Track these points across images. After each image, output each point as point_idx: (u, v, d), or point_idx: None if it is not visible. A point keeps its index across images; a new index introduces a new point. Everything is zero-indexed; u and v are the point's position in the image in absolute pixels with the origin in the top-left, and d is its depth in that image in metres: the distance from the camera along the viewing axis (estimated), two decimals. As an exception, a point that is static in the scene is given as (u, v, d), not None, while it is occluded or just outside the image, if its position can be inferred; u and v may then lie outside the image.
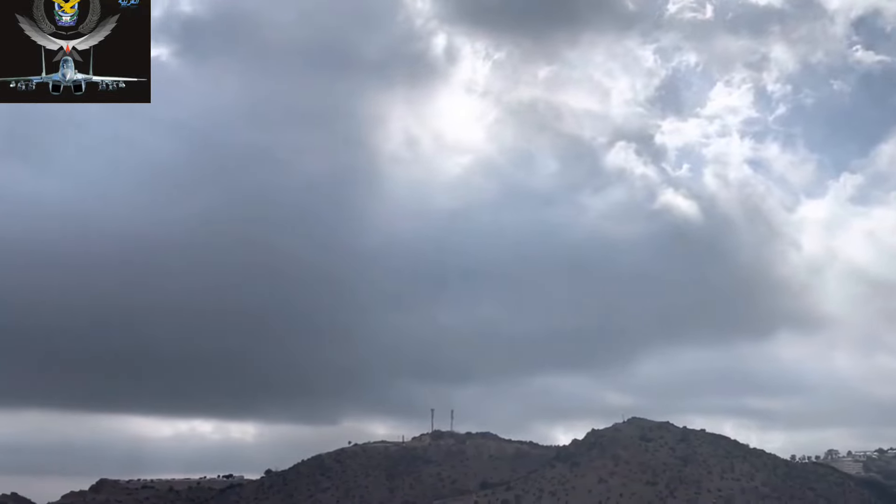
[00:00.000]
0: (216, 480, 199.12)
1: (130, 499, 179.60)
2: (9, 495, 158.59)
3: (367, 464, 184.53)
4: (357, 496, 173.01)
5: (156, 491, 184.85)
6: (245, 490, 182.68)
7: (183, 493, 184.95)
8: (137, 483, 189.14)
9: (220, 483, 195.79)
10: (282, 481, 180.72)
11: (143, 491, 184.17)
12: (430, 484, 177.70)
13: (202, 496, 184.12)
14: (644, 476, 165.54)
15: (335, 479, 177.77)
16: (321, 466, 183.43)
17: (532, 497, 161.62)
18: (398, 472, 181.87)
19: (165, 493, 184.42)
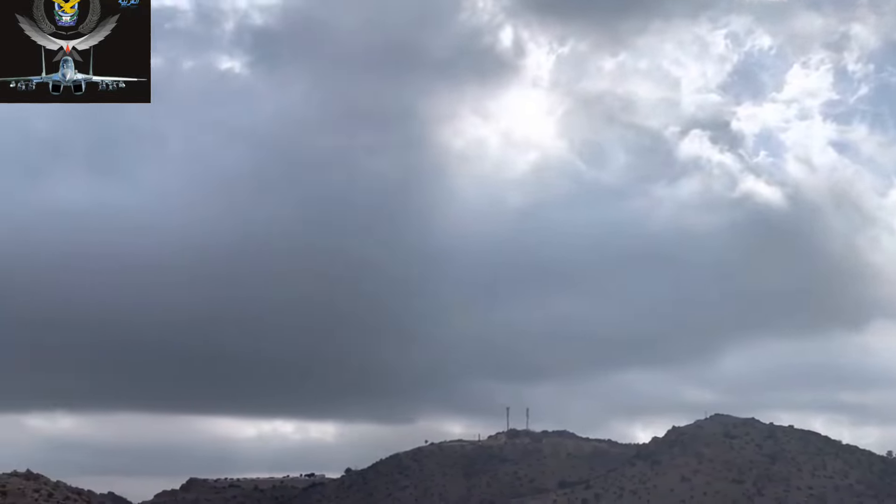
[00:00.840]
0: (299, 479, 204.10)
1: (218, 497, 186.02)
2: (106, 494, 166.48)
3: (443, 462, 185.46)
4: (435, 494, 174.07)
5: (242, 490, 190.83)
6: (326, 489, 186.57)
7: (268, 492, 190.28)
8: (225, 482, 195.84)
9: (302, 482, 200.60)
10: (361, 480, 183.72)
11: (230, 490, 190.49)
12: (507, 482, 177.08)
13: (286, 495, 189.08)
14: (729, 474, 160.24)
15: (413, 478, 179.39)
16: (399, 465, 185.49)
17: (612, 496, 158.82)
18: (475, 470, 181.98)
19: (251, 491, 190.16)
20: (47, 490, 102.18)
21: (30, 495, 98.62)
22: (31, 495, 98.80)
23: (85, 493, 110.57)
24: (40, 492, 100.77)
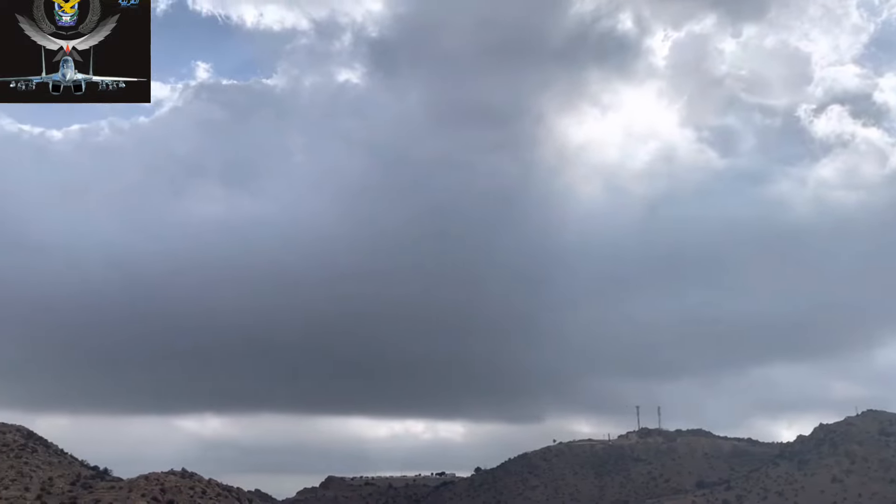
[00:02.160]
0: (430, 478, 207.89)
1: (355, 495, 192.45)
2: (253, 491, 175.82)
3: (573, 462, 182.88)
4: (566, 494, 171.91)
5: (377, 487, 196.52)
6: (457, 487, 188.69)
7: (401, 490, 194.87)
8: (360, 480, 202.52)
9: (433, 480, 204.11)
10: (491, 479, 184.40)
11: (365, 487, 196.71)
12: (641, 483, 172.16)
13: (418, 493, 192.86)
14: (887, 474, 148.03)
15: (543, 477, 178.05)
16: (528, 464, 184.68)
17: (756, 497, 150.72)
18: (606, 470, 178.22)
19: (385, 489, 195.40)
20: (201, 487, 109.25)
21: (186, 492, 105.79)
22: (186, 492, 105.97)
23: (234, 490, 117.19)
24: (195, 489, 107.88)
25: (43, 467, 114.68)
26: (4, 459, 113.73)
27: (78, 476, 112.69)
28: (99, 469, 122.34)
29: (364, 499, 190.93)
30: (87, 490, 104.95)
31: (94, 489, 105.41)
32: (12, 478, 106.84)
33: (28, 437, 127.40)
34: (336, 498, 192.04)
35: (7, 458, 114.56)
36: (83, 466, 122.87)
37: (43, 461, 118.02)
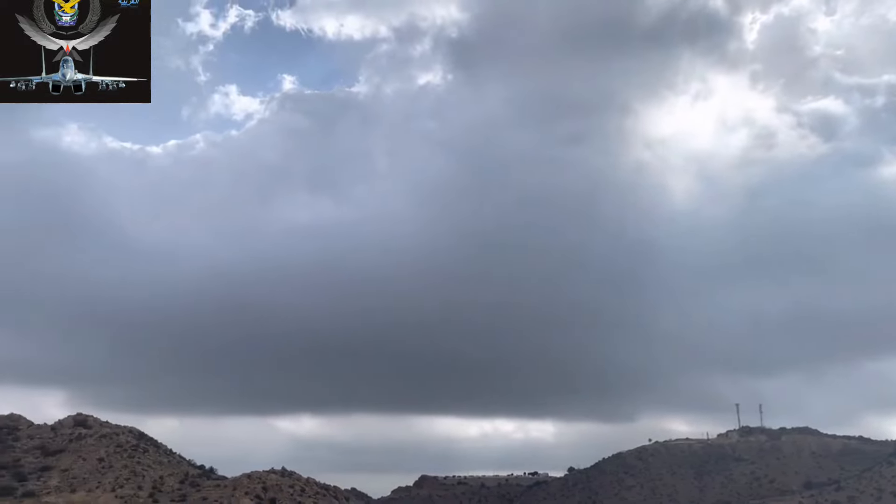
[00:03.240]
0: (522, 477, 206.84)
1: (448, 494, 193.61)
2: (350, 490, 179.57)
3: (671, 462, 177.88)
4: (664, 495, 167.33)
5: (469, 487, 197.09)
6: (550, 487, 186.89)
7: (493, 490, 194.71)
8: (453, 479, 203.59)
9: (526, 480, 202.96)
10: (585, 479, 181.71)
11: (458, 487, 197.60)
12: (743, 483, 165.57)
13: (511, 492, 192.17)
14: None
15: (639, 477, 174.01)
16: (623, 464, 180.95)
17: (869, 498, 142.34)
18: (706, 470, 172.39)
19: (478, 488, 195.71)
20: (300, 486, 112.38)
21: (286, 491, 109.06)
22: (286, 491, 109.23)
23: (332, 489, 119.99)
24: (294, 487, 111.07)
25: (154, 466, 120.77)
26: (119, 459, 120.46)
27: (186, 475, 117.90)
28: (205, 468, 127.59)
29: (457, 498, 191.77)
30: (195, 488, 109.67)
31: (201, 487, 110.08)
32: (126, 476, 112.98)
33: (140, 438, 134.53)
34: (430, 497, 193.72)
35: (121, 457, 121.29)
36: (190, 465, 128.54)
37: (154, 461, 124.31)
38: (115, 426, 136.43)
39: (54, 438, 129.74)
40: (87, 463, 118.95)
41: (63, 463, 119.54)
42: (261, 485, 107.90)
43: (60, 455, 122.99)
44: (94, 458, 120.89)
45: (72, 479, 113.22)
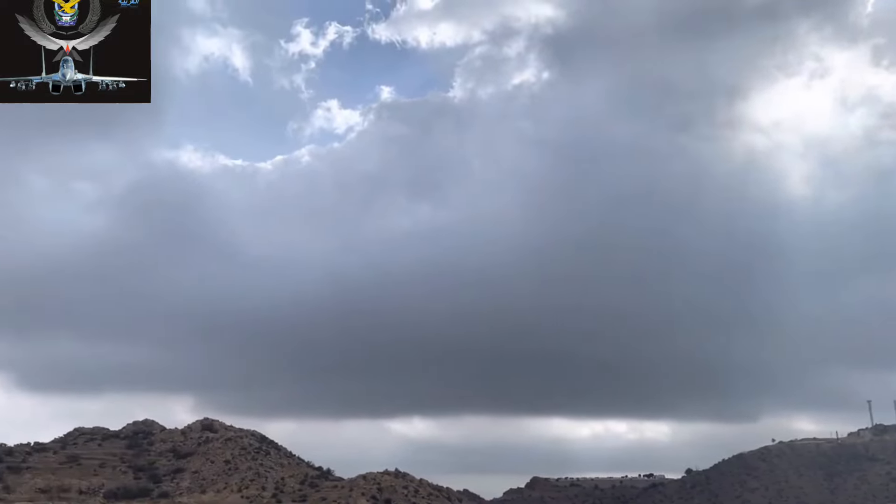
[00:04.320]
0: (637, 479, 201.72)
1: (561, 495, 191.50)
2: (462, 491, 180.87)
3: (797, 462, 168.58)
4: (791, 497, 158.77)
5: (583, 489, 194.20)
6: (668, 489, 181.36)
7: (608, 492, 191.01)
8: (565, 481, 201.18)
9: (641, 482, 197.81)
10: (704, 480, 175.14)
11: (571, 489, 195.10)
12: (879, 485, 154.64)
13: (626, 494, 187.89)
14: None
15: (763, 479, 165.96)
16: (745, 465, 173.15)
17: None
18: (837, 471, 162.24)
19: (591, 490, 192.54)
20: (413, 487, 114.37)
21: (400, 492, 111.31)
22: (401, 492, 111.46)
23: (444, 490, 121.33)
24: (408, 488, 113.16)
25: (275, 468, 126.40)
26: (244, 461, 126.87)
27: (306, 476, 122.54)
28: (322, 469, 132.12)
29: (570, 500, 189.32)
30: (314, 489, 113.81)
31: (319, 488, 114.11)
32: (251, 478, 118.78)
33: (262, 441, 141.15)
34: (542, 498, 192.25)
35: (245, 460, 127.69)
36: (309, 467, 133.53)
37: (275, 462, 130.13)
38: (239, 430, 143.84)
39: (184, 442, 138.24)
40: (214, 465, 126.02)
41: (193, 465, 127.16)
42: (376, 486, 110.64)
43: (190, 458, 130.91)
44: (221, 460, 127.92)
45: (201, 481, 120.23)
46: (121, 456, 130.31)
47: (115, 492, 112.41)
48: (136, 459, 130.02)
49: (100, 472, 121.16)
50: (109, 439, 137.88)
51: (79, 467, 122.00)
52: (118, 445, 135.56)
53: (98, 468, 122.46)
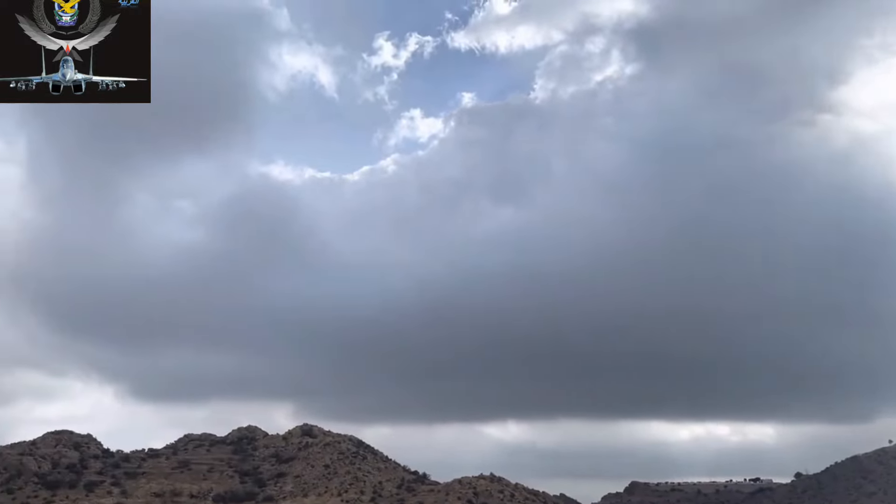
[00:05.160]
0: (742, 484, 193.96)
1: (662, 501, 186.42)
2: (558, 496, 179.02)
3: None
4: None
5: (684, 493, 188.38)
6: (776, 494, 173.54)
7: (711, 497, 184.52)
8: (666, 486, 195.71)
9: (747, 486, 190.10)
10: (816, 485, 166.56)
11: (672, 494, 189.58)
12: None
13: (731, 499, 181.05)
14: None
15: (880, 483, 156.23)
16: (861, 468, 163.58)
17: None
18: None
19: (694, 495, 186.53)
20: (509, 491, 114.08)
21: (496, 496, 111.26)
22: (496, 496, 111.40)
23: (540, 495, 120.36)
24: (504, 493, 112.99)
25: (373, 472, 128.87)
26: (342, 465, 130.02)
27: (402, 480, 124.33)
28: (418, 473, 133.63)
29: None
30: (411, 493, 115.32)
31: (416, 492, 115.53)
32: (350, 482, 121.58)
33: (359, 446, 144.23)
34: (642, 503, 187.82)
35: (344, 464, 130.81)
36: (405, 471, 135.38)
37: (372, 467, 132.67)
38: (337, 435, 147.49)
39: (286, 447, 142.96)
40: (314, 469, 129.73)
41: (295, 469, 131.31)
42: (471, 490, 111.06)
43: (292, 462, 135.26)
44: (321, 464, 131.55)
45: (303, 485, 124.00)
46: (227, 461, 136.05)
47: (224, 495, 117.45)
48: (242, 464, 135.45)
49: (208, 476, 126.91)
50: (216, 445, 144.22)
51: (189, 472, 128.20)
52: (225, 451, 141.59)
53: (207, 473, 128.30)
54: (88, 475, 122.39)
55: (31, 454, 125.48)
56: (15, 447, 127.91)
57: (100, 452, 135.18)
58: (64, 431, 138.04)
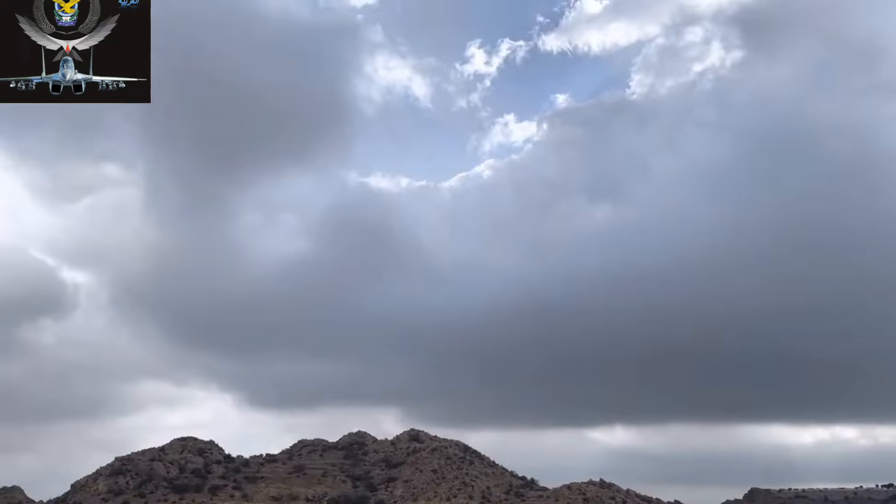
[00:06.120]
0: (875, 490, 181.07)
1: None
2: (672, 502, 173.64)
3: None
4: None
5: (809, 500, 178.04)
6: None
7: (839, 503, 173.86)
8: (789, 492, 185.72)
9: (879, 493, 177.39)
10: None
11: (796, 500, 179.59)
12: None
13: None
14: None
15: None
16: None
17: None
18: None
19: (820, 501, 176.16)
20: (620, 497, 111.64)
21: (606, 502, 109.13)
22: (607, 502, 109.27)
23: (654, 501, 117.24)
24: (615, 499, 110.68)
25: (480, 477, 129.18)
26: (450, 470, 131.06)
27: (510, 485, 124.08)
28: (526, 479, 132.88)
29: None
30: (520, 498, 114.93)
31: (525, 497, 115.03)
32: (458, 487, 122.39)
33: (465, 451, 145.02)
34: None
35: (452, 469, 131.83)
36: (513, 476, 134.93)
37: (479, 472, 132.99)
38: (444, 440, 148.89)
39: (394, 452, 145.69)
40: (423, 474, 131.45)
41: (404, 474, 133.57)
42: (581, 495, 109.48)
43: (401, 467, 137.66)
44: (429, 469, 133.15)
45: (413, 489, 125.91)
46: (339, 466, 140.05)
47: (337, 500, 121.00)
48: (353, 469, 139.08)
49: (322, 480, 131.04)
50: (329, 450, 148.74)
51: (304, 476, 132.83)
52: (336, 456, 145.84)
53: (321, 477, 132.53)
54: (212, 479, 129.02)
55: (160, 460, 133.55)
56: (146, 453, 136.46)
57: (221, 458, 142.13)
58: (189, 438, 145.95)
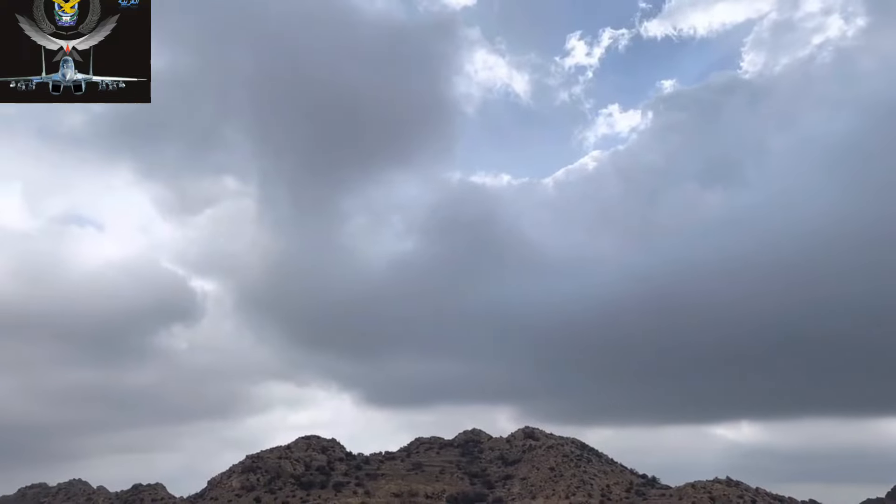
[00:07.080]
0: None
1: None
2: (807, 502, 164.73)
3: None
4: None
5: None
6: None
7: None
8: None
9: None
10: None
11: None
12: None
13: None
14: None
15: None
16: None
17: None
18: None
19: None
20: (749, 496, 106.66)
21: (734, 501, 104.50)
22: (735, 501, 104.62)
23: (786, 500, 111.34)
24: (743, 497, 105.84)
25: (599, 475, 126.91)
26: (567, 468, 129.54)
27: (631, 484, 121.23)
28: (648, 477, 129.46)
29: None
30: (641, 497, 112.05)
31: (647, 496, 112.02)
32: (576, 485, 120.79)
33: (582, 449, 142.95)
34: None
35: (569, 467, 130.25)
36: (633, 474, 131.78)
37: (598, 470, 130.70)
38: (559, 437, 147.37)
39: (510, 450, 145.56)
40: (540, 472, 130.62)
41: (520, 472, 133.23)
42: (707, 494, 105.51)
43: (517, 464, 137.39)
44: (546, 467, 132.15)
45: (530, 487, 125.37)
46: (456, 463, 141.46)
47: (456, 496, 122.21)
48: (470, 466, 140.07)
49: (440, 477, 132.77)
50: (445, 448, 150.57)
51: (423, 474, 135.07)
52: (453, 453, 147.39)
53: (438, 474, 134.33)
54: (336, 476, 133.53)
55: (287, 457, 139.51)
56: (273, 451, 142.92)
57: (343, 455, 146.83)
58: (312, 436, 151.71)
